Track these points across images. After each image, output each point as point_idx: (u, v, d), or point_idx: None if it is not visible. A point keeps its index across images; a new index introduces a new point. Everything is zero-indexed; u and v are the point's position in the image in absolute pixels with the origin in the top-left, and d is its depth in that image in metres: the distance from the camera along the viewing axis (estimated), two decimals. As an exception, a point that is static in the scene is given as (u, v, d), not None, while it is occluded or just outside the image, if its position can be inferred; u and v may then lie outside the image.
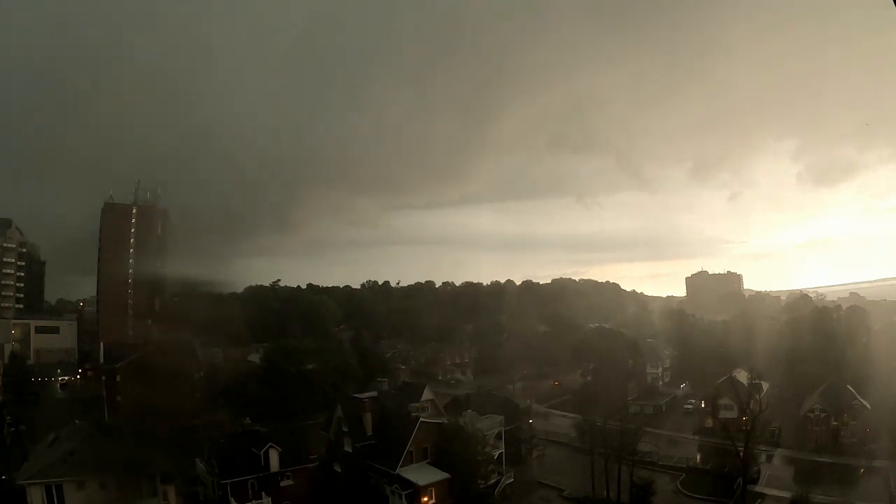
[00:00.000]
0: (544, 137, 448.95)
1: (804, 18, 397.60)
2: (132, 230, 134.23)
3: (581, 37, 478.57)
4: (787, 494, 61.17)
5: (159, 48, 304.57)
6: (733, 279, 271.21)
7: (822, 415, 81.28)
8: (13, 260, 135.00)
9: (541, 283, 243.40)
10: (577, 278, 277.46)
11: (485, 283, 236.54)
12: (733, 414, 78.39)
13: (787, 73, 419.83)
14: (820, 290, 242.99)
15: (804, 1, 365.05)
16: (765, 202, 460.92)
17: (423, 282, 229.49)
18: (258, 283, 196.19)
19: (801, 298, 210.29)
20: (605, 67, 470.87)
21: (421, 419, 61.40)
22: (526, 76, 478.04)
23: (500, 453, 66.62)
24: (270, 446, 56.09)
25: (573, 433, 77.26)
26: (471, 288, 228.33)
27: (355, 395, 71.80)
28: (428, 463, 59.21)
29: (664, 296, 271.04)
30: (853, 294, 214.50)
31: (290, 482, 56.50)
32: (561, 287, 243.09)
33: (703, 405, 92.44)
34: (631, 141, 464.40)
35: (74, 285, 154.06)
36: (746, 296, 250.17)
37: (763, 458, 73.40)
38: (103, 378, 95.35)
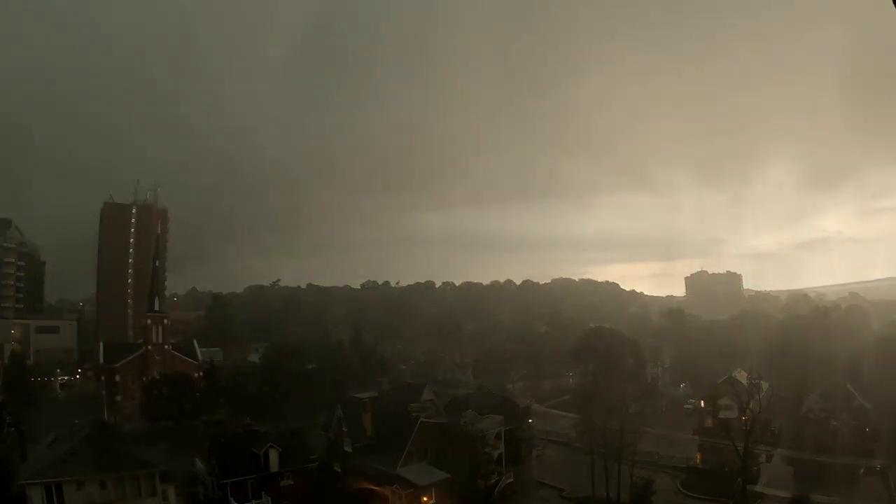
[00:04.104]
0: (546, 138, 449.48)
1: (805, 22, 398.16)
2: (132, 230, 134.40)
3: (584, 38, 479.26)
4: (786, 494, 61.10)
5: (162, 50, 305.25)
6: (733, 279, 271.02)
7: (822, 415, 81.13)
8: (13, 260, 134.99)
9: (541, 283, 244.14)
10: (577, 278, 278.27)
11: (485, 283, 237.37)
12: (733, 414, 78.26)
13: (788, 74, 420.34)
14: (820, 290, 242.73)
15: (806, 7, 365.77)
16: (765, 202, 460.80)
17: (423, 282, 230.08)
18: (258, 283, 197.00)
19: (801, 298, 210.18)
20: (608, 69, 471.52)
21: (421, 419, 61.42)
22: (528, 77, 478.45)
23: (500, 453, 66.60)
24: (270, 446, 56.08)
25: (573, 433, 77.19)
26: (471, 288, 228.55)
27: (355, 395, 71.83)
28: (428, 463, 59.25)
29: (664, 296, 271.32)
30: (853, 294, 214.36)
31: (290, 482, 56.49)
32: (561, 287, 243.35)
33: (702, 405, 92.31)
34: (632, 142, 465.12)
35: (74, 285, 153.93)
36: (746, 296, 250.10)
37: (763, 457, 73.31)
38: (103, 378, 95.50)
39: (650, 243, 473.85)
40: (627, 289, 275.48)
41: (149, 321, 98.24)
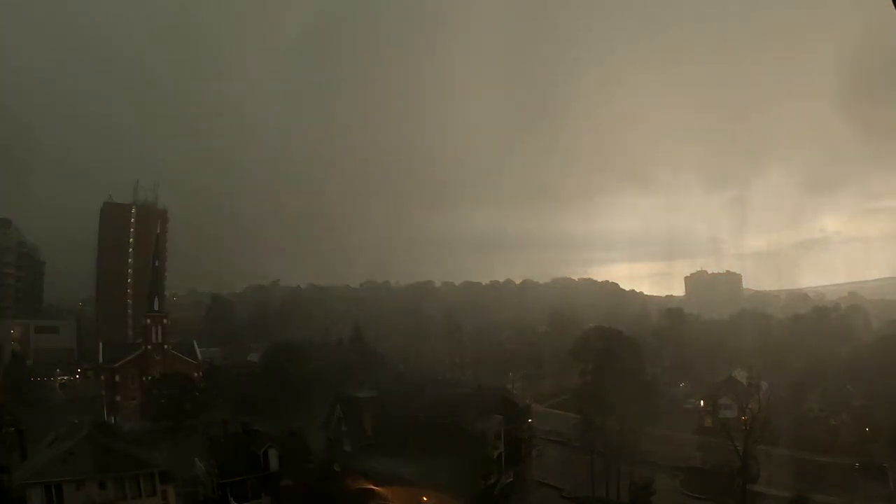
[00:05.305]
0: (546, 138, 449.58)
1: (806, 22, 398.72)
2: (132, 230, 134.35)
3: (585, 39, 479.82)
4: (786, 494, 61.12)
5: (163, 49, 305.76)
6: (732, 279, 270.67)
7: (822, 414, 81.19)
8: (13, 260, 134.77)
9: (541, 282, 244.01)
10: (576, 278, 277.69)
11: (484, 283, 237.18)
12: (733, 413, 78.33)
13: (789, 73, 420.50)
14: (820, 290, 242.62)
15: (807, 7, 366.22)
16: (765, 202, 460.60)
17: (423, 282, 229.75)
18: (258, 283, 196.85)
19: (801, 298, 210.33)
20: (608, 70, 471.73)
21: (420, 419, 61.41)
22: (529, 76, 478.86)
23: (500, 453, 66.55)
24: (270, 446, 56.11)
25: (573, 433, 77.14)
26: (471, 288, 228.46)
27: (355, 395, 71.81)
28: (428, 463, 59.16)
29: (664, 295, 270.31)
30: (852, 294, 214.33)
31: (289, 482, 56.45)
32: (561, 287, 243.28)
33: (702, 404, 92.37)
34: (632, 142, 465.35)
35: (74, 285, 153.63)
36: (746, 295, 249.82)
37: (763, 457, 73.33)
38: (102, 378, 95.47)
39: (650, 243, 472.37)
40: (627, 289, 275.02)
41: (148, 321, 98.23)
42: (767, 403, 70.26)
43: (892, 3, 7.54)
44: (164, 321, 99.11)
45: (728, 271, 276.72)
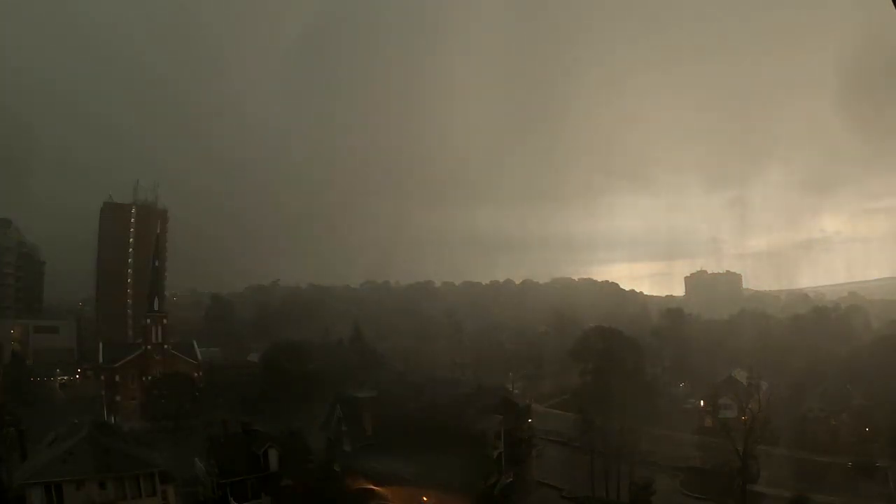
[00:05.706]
0: (546, 138, 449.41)
1: (806, 22, 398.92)
2: (132, 230, 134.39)
3: (586, 39, 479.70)
4: (786, 494, 61.13)
5: (164, 48, 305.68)
6: (733, 279, 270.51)
7: (822, 414, 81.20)
8: (13, 260, 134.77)
9: (541, 282, 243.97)
10: (576, 278, 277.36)
11: (484, 283, 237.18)
12: (733, 413, 78.33)
13: (789, 74, 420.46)
14: (820, 290, 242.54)
15: (807, 8, 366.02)
16: (765, 202, 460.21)
17: (423, 281, 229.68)
18: (258, 283, 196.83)
19: (801, 298, 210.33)
20: (608, 70, 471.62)
21: (421, 419, 61.42)
22: (529, 76, 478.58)
23: (500, 453, 66.54)
24: (270, 446, 56.12)
25: (573, 433, 77.11)
26: (471, 288, 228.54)
27: (355, 395, 71.83)
28: (428, 463, 59.17)
29: (664, 295, 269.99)
30: (852, 294, 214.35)
31: (289, 482, 56.46)
32: (561, 287, 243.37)
33: (702, 404, 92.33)
34: (632, 142, 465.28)
35: (74, 285, 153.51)
36: (746, 295, 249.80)
37: (763, 457, 73.31)
38: (102, 378, 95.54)
39: (650, 243, 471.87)
40: (627, 289, 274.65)
41: (148, 321, 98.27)
42: (767, 403, 70.19)
43: (892, 3, 7.55)
44: (164, 321, 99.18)
45: (728, 271, 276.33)
